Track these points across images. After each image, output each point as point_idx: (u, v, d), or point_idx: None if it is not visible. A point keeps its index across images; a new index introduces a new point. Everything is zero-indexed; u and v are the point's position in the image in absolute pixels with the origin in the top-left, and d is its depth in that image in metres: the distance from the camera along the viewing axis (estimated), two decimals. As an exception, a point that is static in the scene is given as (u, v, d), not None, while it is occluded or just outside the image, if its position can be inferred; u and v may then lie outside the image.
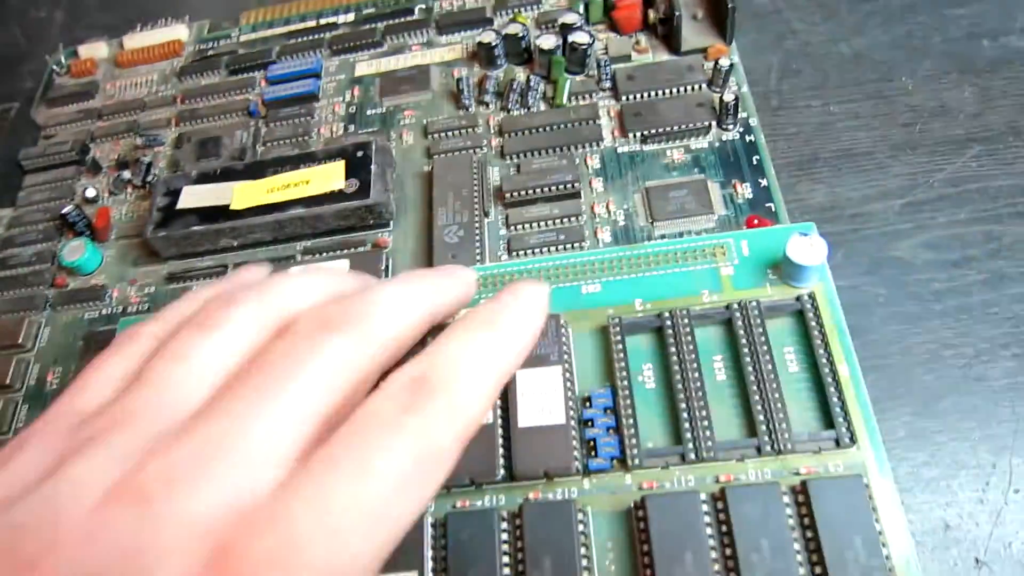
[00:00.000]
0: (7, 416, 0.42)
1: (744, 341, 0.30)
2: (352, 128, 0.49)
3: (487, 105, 0.47)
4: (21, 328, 0.44)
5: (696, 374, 0.30)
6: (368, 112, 0.49)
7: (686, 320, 0.31)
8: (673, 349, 0.31)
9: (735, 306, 0.31)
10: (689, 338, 0.31)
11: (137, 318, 0.42)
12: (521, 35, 0.47)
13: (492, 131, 0.46)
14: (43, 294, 0.46)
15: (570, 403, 0.30)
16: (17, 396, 0.43)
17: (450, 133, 0.46)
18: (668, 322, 0.31)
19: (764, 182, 0.40)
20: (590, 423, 0.30)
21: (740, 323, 0.31)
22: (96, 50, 0.58)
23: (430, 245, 0.41)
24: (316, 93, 0.51)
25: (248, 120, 0.51)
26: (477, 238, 0.40)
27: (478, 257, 0.40)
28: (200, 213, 0.43)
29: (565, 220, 0.41)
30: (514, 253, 0.40)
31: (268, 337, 0.21)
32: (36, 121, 0.55)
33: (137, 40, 0.57)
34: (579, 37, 0.46)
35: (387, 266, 0.42)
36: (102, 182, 0.50)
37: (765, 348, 0.30)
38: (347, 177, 0.42)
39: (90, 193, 0.49)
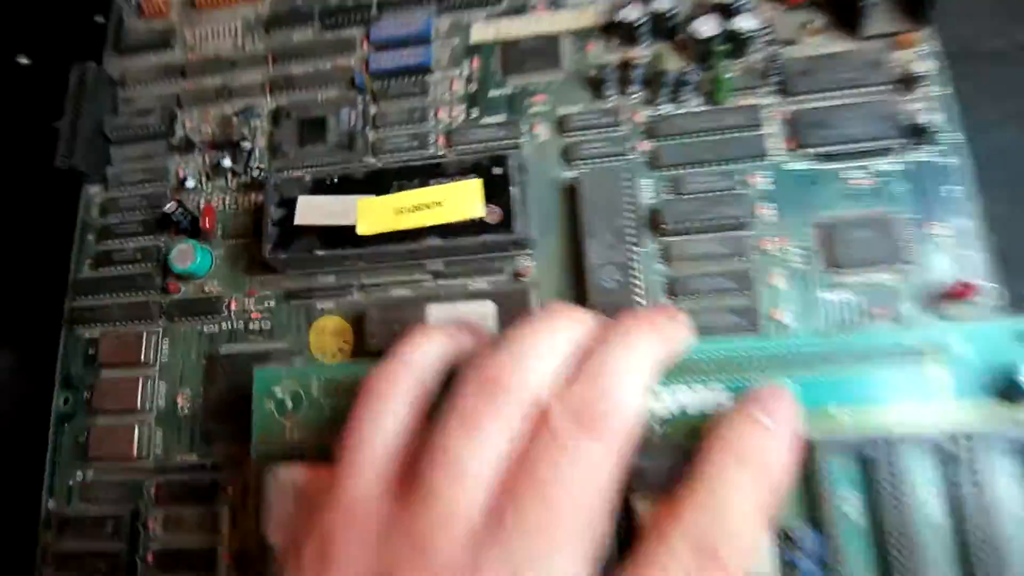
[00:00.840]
0: (143, 442, 0.41)
1: (966, 486, 0.28)
2: (475, 114, 0.43)
3: (628, 96, 0.41)
4: (141, 342, 0.42)
5: (907, 516, 0.28)
6: (491, 93, 0.43)
7: (898, 448, 0.28)
8: (881, 484, 0.28)
9: (958, 439, 0.28)
10: (900, 470, 0.28)
11: (259, 338, 0.40)
12: (671, 12, 0.40)
13: (638, 131, 0.40)
14: (156, 301, 0.43)
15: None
16: (148, 417, 0.42)
17: (590, 131, 0.41)
18: (878, 451, 0.29)
19: (970, 223, 0.35)
20: (792, 567, 0.28)
21: (963, 459, 0.28)
22: None
23: (578, 280, 0.38)
24: (429, 65, 0.44)
25: (352, 94, 0.45)
26: (635, 278, 0.37)
27: (638, 302, 0.36)
28: (321, 233, 0.40)
29: (732, 258, 0.37)
30: (676, 297, 0.37)
31: (527, 431, 0.24)
32: (111, 76, 0.50)
33: None
34: (745, 23, 0.39)
35: (533, 303, 0.39)
36: (197, 163, 0.46)
37: (992, 493, 0.27)
38: (486, 199, 0.38)
39: (189, 183, 0.45)
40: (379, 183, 0.40)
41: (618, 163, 0.40)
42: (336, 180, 0.40)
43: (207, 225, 0.43)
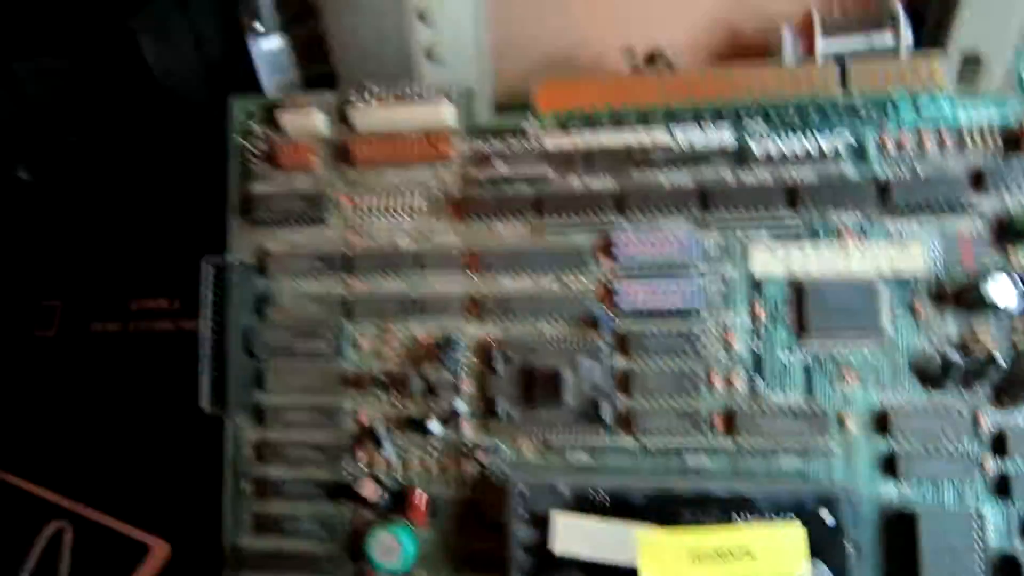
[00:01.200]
0: None
1: None
2: (761, 387, 0.34)
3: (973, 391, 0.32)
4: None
5: None
6: (782, 357, 0.34)
7: None
8: None
9: None
10: None
11: None
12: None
13: (985, 443, 0.32)
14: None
15: None
16: None
17: (921, 436, 0.33)
18: None
19: None
20: None
21: None
22: (305, 119, 0.38)
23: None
24: (697, 309, 0.34)
25: (591, 334, 0.35)
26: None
27: None
28: (591, 569, 0.32)
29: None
30: None
31: None
32: (249, 262, 0.38)
33: (374, 117, 0.37)
34: None
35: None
36: (381, 406, 0.36)
37: None
38: (809, 553, 0.30)
39: (385, 450, 0.35)
40: (664, 510, 0.31)
41: (961, 486, 0.31)
42: (608, 501, 0.32)
43: (417, 518, 0.34)
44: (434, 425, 0.34)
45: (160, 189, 0.49)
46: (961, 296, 0.32)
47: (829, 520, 0.30)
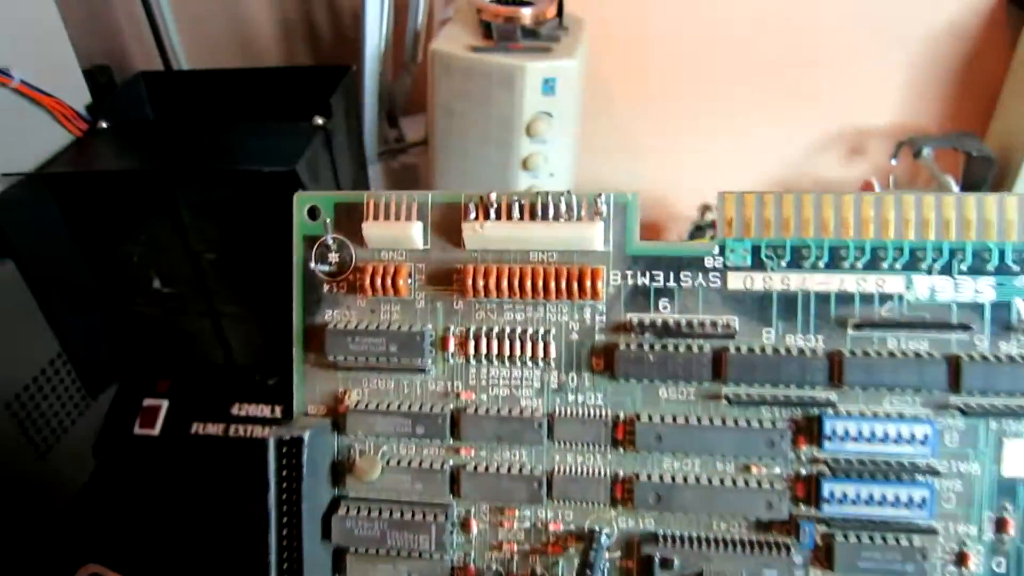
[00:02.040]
0: None
1: None
2: None
3: None
4: None
5: None
6: None
7: None
8: None
9: None
10: None
11: None
12: None
13: None
14: None
15: None
16: None
17: None
18: None
19: None
20: None
21: None
22: (396, 230, 0.28)
23: None
24: (930, 523, 0.26)
25: (783, 540, 0.27)
26: None
27: None
28: None
29: None
30: None
31: None
32: (300, 395, 0.29)
33: (492, 234, 0.27)
34: None
35: None
36: None
37: None
38: None
39: None
40: None
41: None
42: None
43: None
44: (576, 655, 0.26)
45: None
46: None
47: None
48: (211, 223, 0.48)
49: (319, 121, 0.49)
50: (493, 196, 0.26)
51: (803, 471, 0.26)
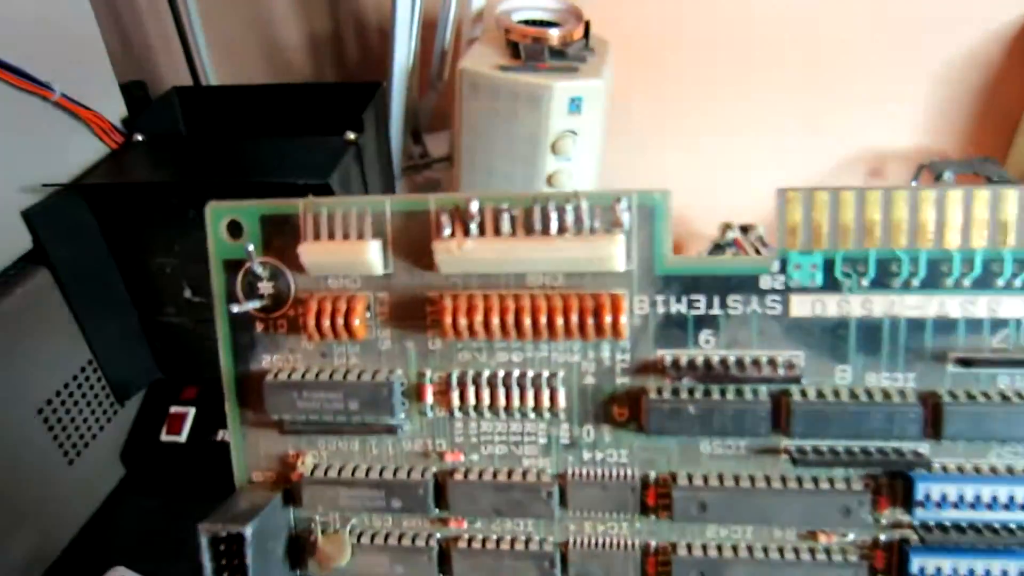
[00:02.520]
0: None
1: None
2: None
3: None
4: None
5: None
6: None
7: None
8: None
9: None
10: None
11: None
12: None
13: None
14: None
15: None
16: None
17: None
18: None
19: None
20: None
21: None
22: (348, 257, 0.21)
23: None
24: None
25: None
26: None
27: None
28: None
29: None
30: None
31: None
32: (238, 459, 0.23)
33: (474, 256, 0.20)
34: None
35: None
36: None
37: None
38: None
39: None
40: None
41: None
42: None
43: None
44: None
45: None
46: None
47: None
48: None
49: (351, 136, 0.50)
50: (474, 205, 0.19)
51: (883, 537, 0.20)
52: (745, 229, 0.65)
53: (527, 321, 0.19)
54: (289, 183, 0.44)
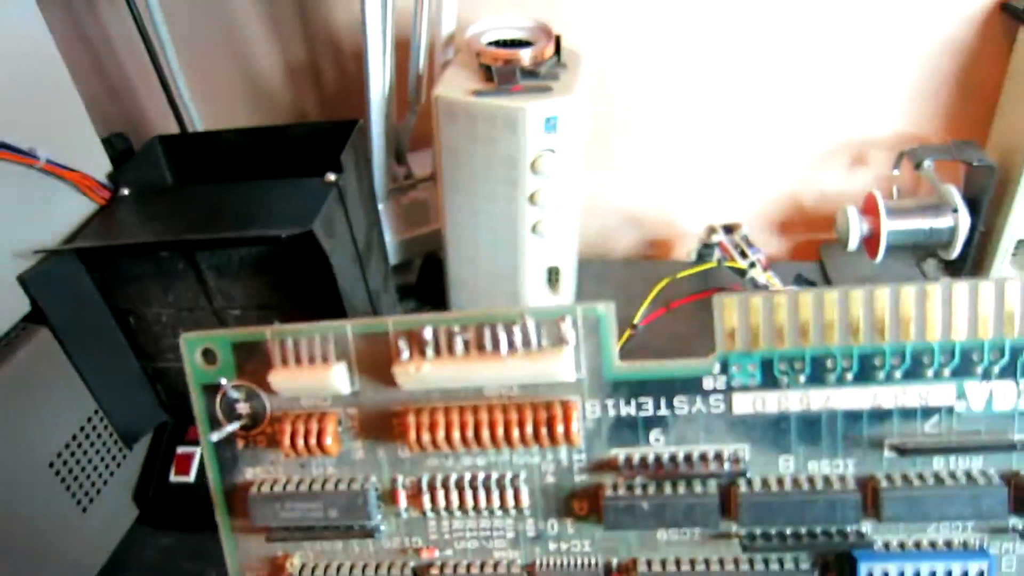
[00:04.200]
0: None
1: None
2: None
3: None
4: None
5: None
6: None
7: None
8: None
9: None
10: None
11: None
12: None
13: None
14: None
15: None
16: None
17: None
18: None
19: None
20: None
21: None
22: (316, 381, 0.23)
23: None
24: None
25: None
26: None
27: None
28: None
29: None
30: None
31: None
32: (240, 563, 0.25)
33: (433, 376, 0.22)
34: None
35: None
36: None
37: None
38: None
39: None
40: None
41: None
42: None
43: None
44: None
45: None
46: None
47: None
48: (233, 282, 0.51)
49: (331, 177, 0.51)
50: (428, 332, 0.20)
51: None
52: (730, 229, 0.66)
53: (485, 433, 0.21)
54: (274, 236, 0.45)
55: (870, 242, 0.58)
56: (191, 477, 0.55)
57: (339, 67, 0.78)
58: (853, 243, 0.58)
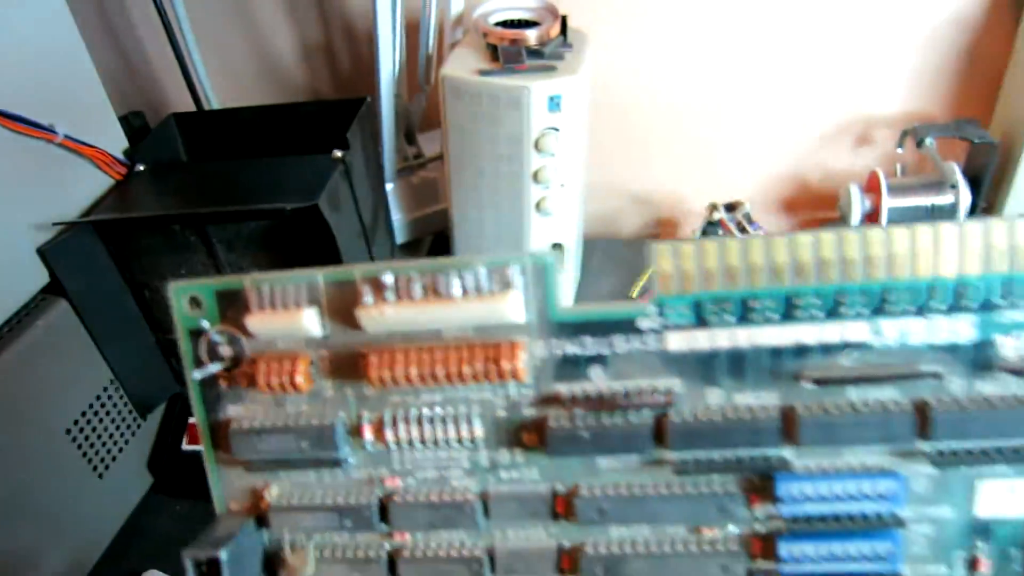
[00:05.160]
0: None
1: None
2: None
3: None
4: None
5: None
6: None
7: None
8: None
9: None
10: None
11: None
12: None
13: None
14: None
15: None
16: None
17: None
18: None
19: None
20: None
21: None
22: (285, 322, 0.25)
23: None
24: (898, 574, 0.24)
25: None
26: None
27: None
28: None
29: None
30: None
31: None
32: (218, 496, 0.27)
33: (395, 318, 0.24)
34: None
35: None
36: None
37: None
38: None
39: None
40: None
41: None
42: None
43: None
44: None
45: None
46: None
47: None
48: (243, 255, 0.53)
49: (338, 154, 0.53)
50: (388, 277, 0.22)
51: (760, 529, 0.23)
52: (731, 207, 0.67)
53: (440, 371, 0.23)
54: (280, 208, 0.47)
55: (871, 219, 0.59)
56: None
57: (352, 48, 0.80)
58: (855, 220, 0.60)
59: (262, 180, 0.54)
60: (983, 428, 0.21)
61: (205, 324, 0.23)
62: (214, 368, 0.23)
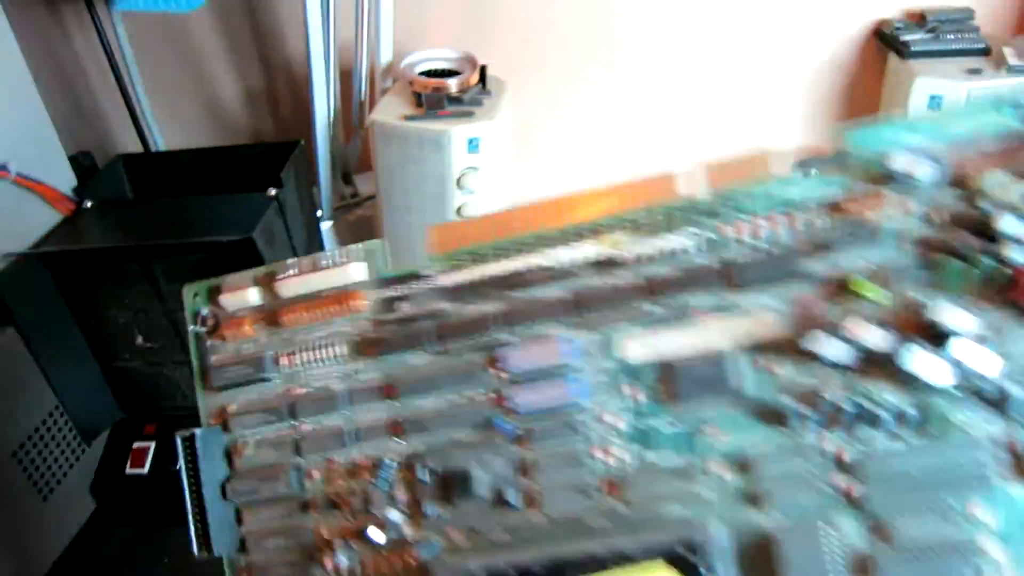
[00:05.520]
0: None
1: None
2: (642, 455, 0.39)
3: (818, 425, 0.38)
4: None
5: None
6: (661, 427, 0.39)
7: None
8: None
9: None
10: None
11: None
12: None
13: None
14: None
15: None
16: None
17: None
18: None
19: None
20: None
21: None
22: (240, 296, 0.44)
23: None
24: (583, 405, 0.40)
25: (496, 438, 0.40)
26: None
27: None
28: None
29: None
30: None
31: None
32: (201, 412, 0.45)
33: (295, 285, 0.43)
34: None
35: None
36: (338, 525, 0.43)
37: None
38: None
39: (343, 559, 0.41)
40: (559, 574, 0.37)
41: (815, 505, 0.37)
42: (515, 573, 0.37)
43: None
44: (375, 533, 0.40)
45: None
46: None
47: (692, 559, 0.35)
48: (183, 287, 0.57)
49: (272, 192, 0.60)
50: (291, 263, 0.43)
51: (497, 388, 0.40)
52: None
53: (321, 313, 0.43)
54: (219, 242, 0.54)
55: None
56: (145, 470, 0.61)
57: (293, 93, 0.91)
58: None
59: (201, 216, 0.58)
60: (615, 301, 0.39)
61: (201, 314, 0.44)
62: (201, 329, 0.44)
